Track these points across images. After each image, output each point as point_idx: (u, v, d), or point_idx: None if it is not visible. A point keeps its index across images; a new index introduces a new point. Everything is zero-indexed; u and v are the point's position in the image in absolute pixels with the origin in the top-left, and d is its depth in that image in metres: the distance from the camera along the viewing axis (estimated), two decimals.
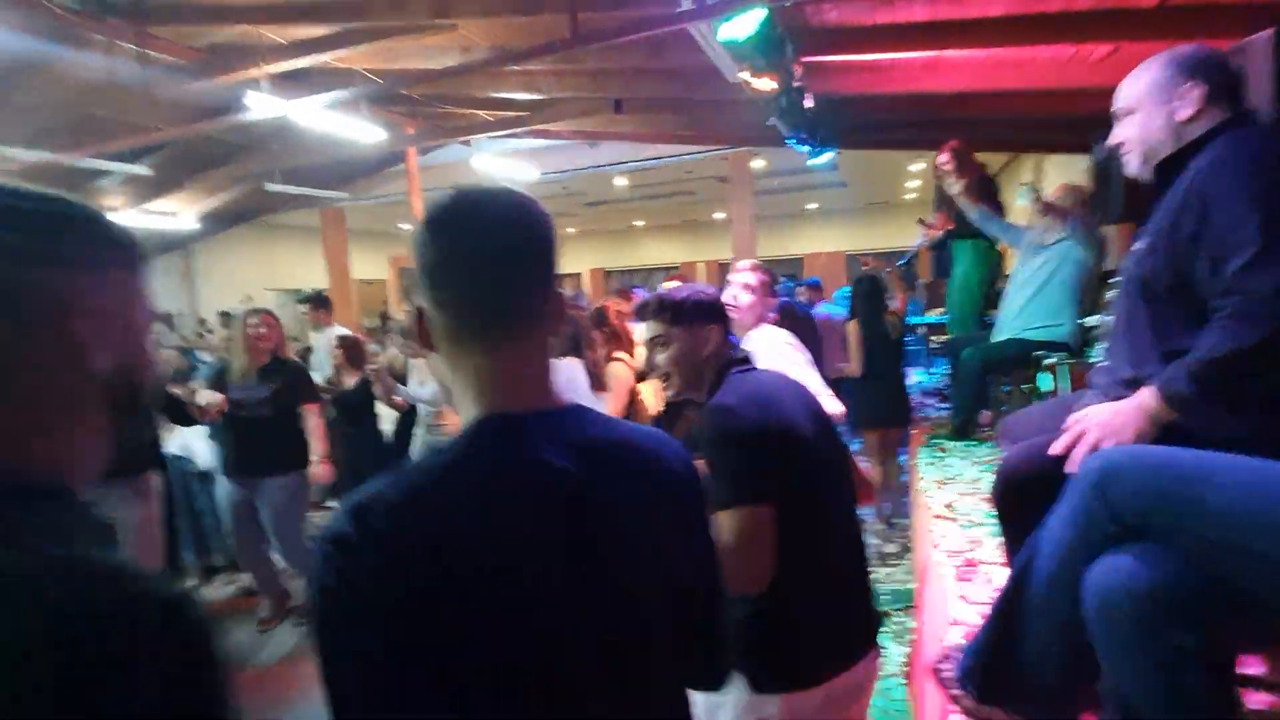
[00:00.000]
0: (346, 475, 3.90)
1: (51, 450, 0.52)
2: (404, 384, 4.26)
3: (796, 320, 4.37)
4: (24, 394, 0.50)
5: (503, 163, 7.69)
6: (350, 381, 4.28)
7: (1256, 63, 2.25)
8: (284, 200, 9.91)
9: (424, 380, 4.01)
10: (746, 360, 1.43)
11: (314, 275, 12.97)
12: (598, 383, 2.86)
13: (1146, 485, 0.96)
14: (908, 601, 3.25)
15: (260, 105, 4.62)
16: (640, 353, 2.79)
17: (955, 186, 3.41)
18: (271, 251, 13.41)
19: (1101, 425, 1.15)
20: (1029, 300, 3.10)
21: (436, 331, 0.71)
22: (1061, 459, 1.23)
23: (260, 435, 3.18)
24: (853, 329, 4.14)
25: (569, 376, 2.78)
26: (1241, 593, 0.89)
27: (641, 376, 2.85)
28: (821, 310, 5.24)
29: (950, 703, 1.28)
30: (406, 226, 12.54)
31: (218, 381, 3.22)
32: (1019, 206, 3.76)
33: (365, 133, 5.69)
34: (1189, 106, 1.25)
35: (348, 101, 5.21)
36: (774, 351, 2.14)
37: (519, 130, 6.63)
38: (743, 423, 1.22)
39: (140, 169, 6.65)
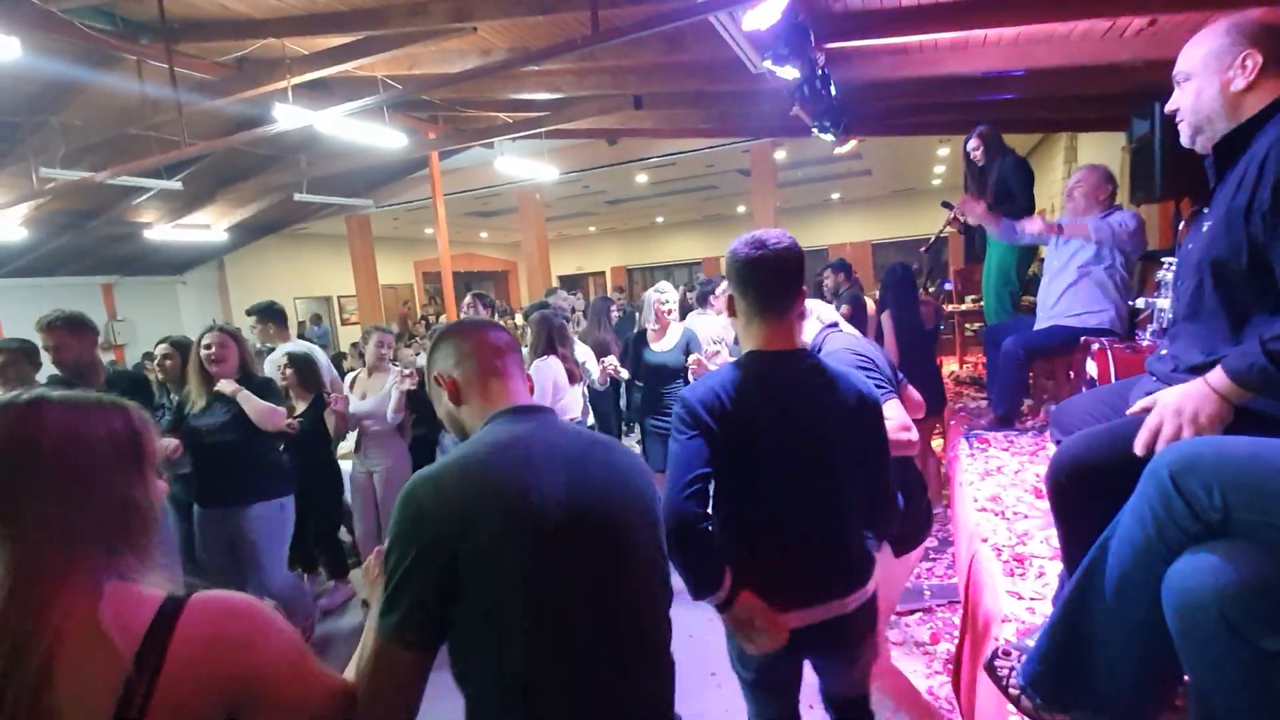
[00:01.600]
0: (305, 515, 3.42)
1: None
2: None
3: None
4: None
5: (525, 164, 7.71)
6: (300, 406, 3.60)
7: None
8: (311, 209, 10.09)
9: (366, 393, 3.65)
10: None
11: (342, 282, 13.21)
12: (572, 376, 3.43)
13: (1229, 478, 0.90)
14: (951, 596, 3.19)
15: (287, 117, 4.69)
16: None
17: (976, 209, 3.31)
18: (301, 260, 13.68)
19: (1177, 412, 1.10)
20: (1067, 288, 3.00)
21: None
22: (1120, 449, 1.18)
23: (228, 462, 2.89)
24: (886, 320, 4.02)
25: (547, 372, 3.31)
26: None
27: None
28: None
29: (1010, 703, 1.24)
30: (430, 231, 12.68)
31: (179, 414, 2.94)
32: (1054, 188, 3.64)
33: (388, 139, 5.75)
34: (1245, 77, 1.19)
35: (371, 109, 5.27)
36: None
37: (540, 130, 6.64)
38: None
39: (173, 184, 6.81)
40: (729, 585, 1.39)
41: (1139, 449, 1.14)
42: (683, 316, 4.12)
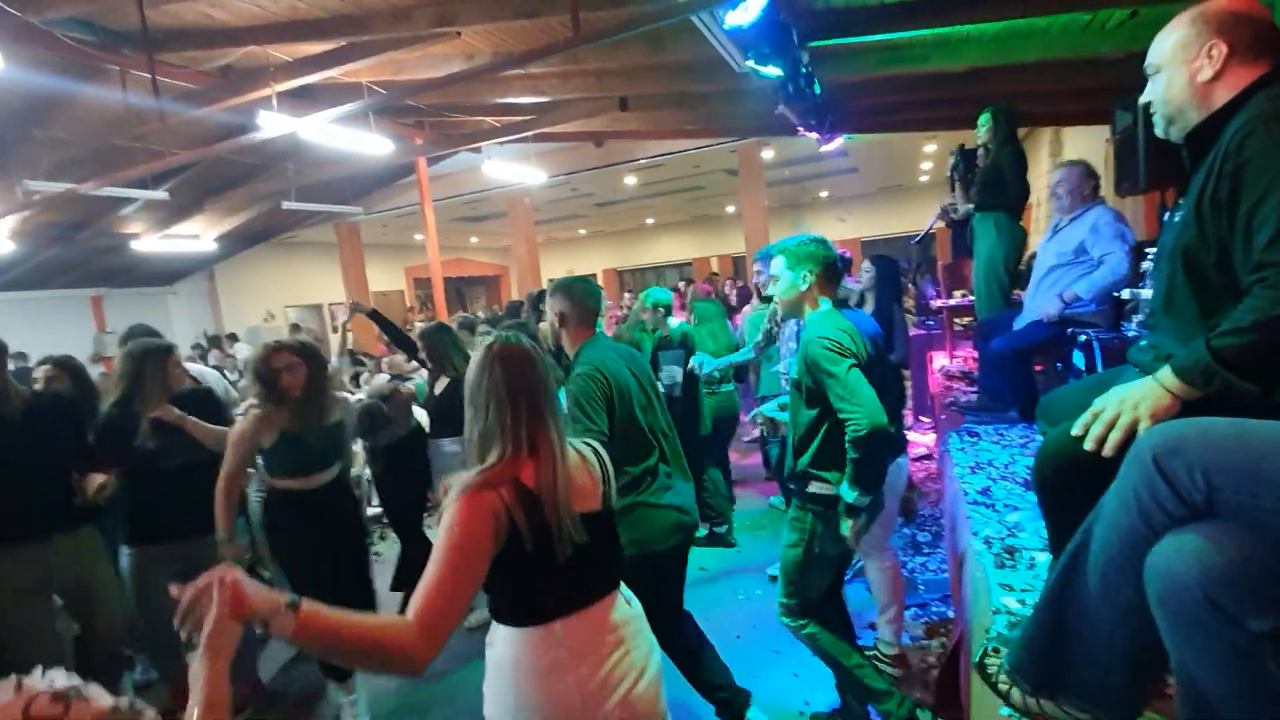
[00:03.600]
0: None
1: None
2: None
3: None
4: None
5: (512, 168, 7.71)
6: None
7: None
8: (300, 217, 10.07)
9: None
10: None
11: (333, 289, 13.16)
12: None
13: (1213, 459, 0.90)
14: (945, 591, 3.20)
15: (272, 124, 4.67)
16: None
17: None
18: (291, 268, 13.63)
19: (1121, 402, 1.11)
20: (1055, 281, 3.01)
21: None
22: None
23: (171, 490, 2.55)
24: (899, 311, 3.95)
25: None
26: None
27: None
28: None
29: (1000, 699, 1.23)
30: (420, 237, 12.66)
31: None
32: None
33: (375, 145, 5.74)
34: (1211, 67, 1.19)
35: (356, 116, 5.25)
36: None
37: (526, 134, 6.64)
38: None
39: (159, 194, 6.78)
40: None
41: (1077, 429, 1.14)
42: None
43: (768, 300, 3.76)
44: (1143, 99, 1.33)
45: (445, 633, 1.12)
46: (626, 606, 1.46)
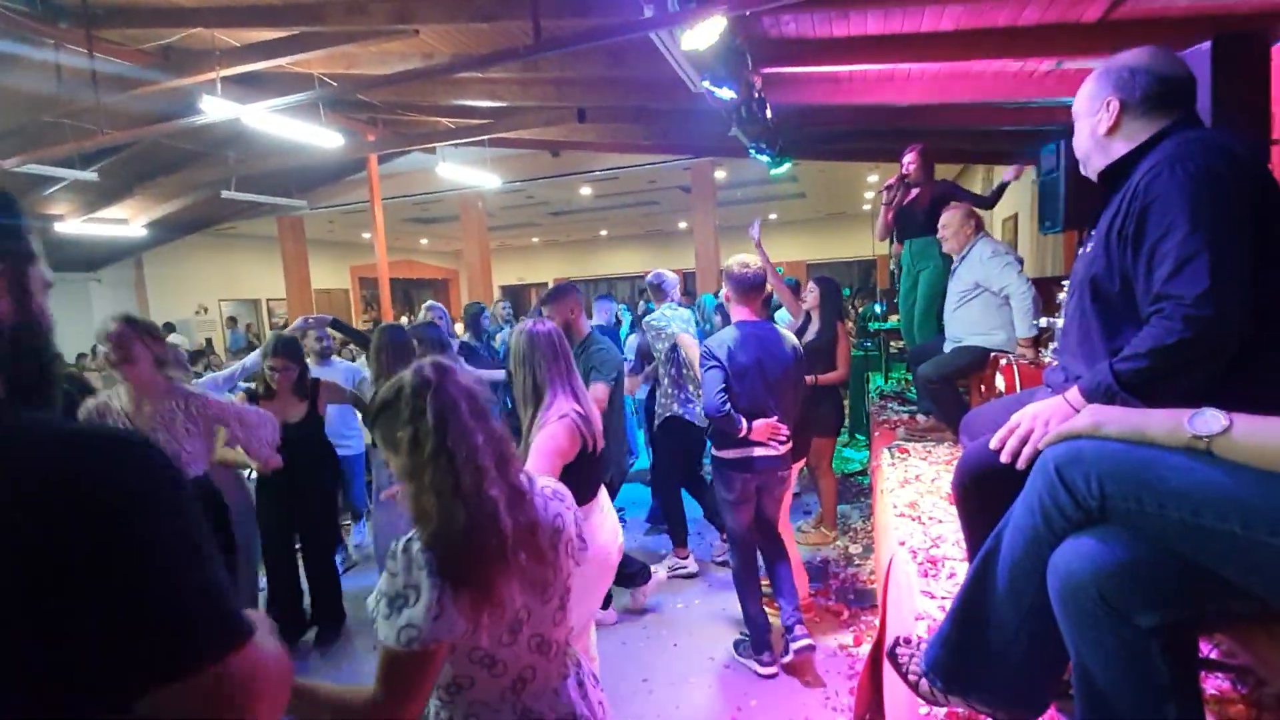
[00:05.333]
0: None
1: None
2: None
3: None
4: None
5: (467, 171, 7.64)
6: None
7: (1197, 73, 2.39)
8: (240, 208, 9.68)
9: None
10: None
11: (272, 284, 12.69)
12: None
13: (1106, 468, 0.97)
14: (873, 601, 3.31)
15: (214, 109, 4.51)
16: None
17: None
18: (227, 260, 13.07)
19: (1034, 417, 1.19)
20: (963, 313, 3.27)
21: None
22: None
23: None
24: (844, 330, 3.99)
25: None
26: (1204, 572, 0.90)
27: None
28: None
29: (911, 689, 1.29)
30: (368, 236, 12.33)
31: None
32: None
33: (324, 139, 5.59)
34: (1106, 121, 1.31)
35: (305, 107, 5.12)
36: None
37: (482, 138, 6.60)
38: None
39: (88, 175, 6.42)
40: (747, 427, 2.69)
41: (994, 443, 1.22)
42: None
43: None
44: (1074, 142, 1.45)
45: None
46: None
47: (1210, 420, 0.92)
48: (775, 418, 2.75)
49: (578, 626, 1.92)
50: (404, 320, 10.14)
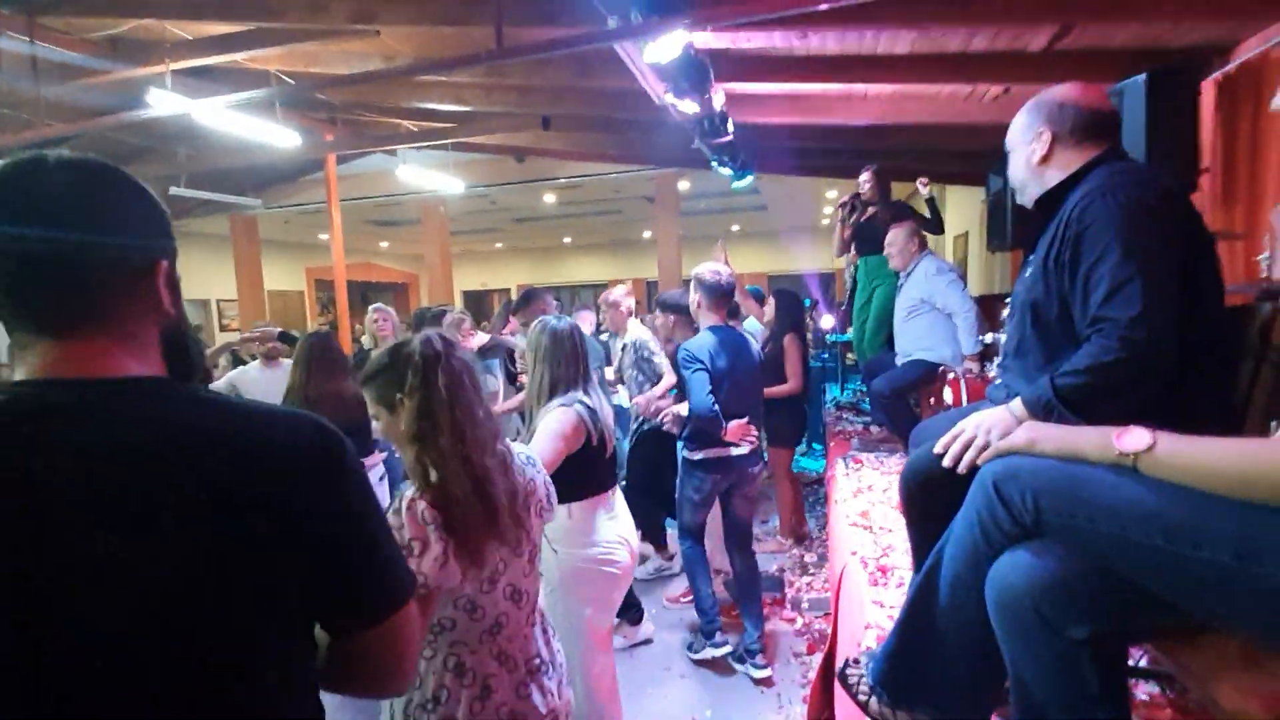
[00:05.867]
0: None
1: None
2: None
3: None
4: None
5: (429, 174, 7.54)
6: None
7: (1133, 103, 2.53)
8: (190, 205, 9.34)
9: None
10: None
11: (223, 285, 12.28)
12: None
13: (1041, 485, 1.00)
14: (826, 609, 3.36)
15: (163, 103, 4.36)
16: None
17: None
18: (178, 259, 12.58)
19: (976, 426, 1.24)
20: (910, 327, 3.39)
21: None
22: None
23: None
24: (792, 342, 4.06)
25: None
26: (1131, 585, 0.94)
27: None
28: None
29: (861, 709, 1.30)
30: (325, 237, 12.07)
31: None
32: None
33: (280, 137, 5.45)
34: (1040, 151, 1.38)
35: (261, 104, 4.99)
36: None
37: (445, 142, 6.53)
38: None
39: None
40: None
41: (938, 448, 1.27)
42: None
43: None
44: (1008, 170, 1.52)
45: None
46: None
47: (1136, 438, 0.96)
48: (746, 419, 2.88)
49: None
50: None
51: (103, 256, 0.67)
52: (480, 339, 4.14)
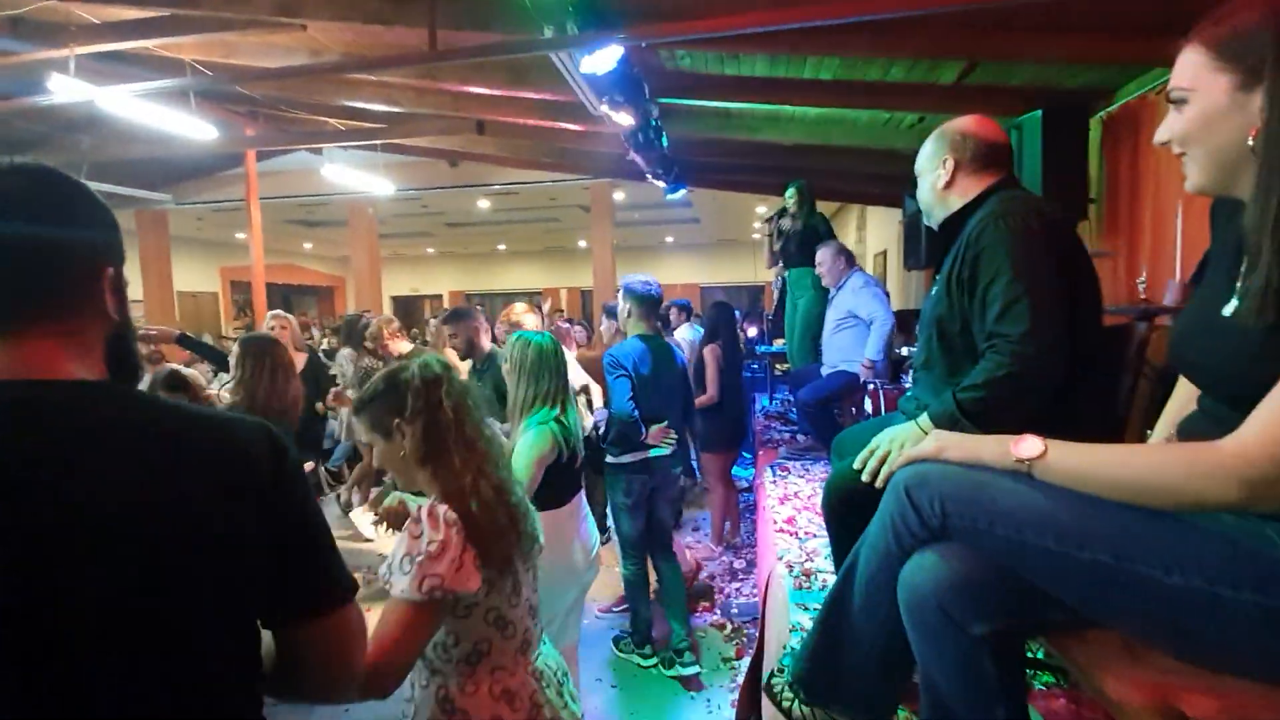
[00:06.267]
0: None
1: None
2: None
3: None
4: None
5: (357, 175, 7.29)
6: None
7: (1031, 136, 2.74)
8: None
9: None
10: None
11: (129, 284, 11.46)
12: None
13: (947, 490, 1.06)
14: (755, 614, 3.43)
15: (64, 89, 4.05)
16: None
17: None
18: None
19: (889, 440, 1.31)
20: (837, 340, 3.55)
21: None
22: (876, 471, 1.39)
23: None
24: (710, 353, 4.15)
25: None
26: (1027, 585, 0.99)
27: None
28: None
29: (784, 716, 1.33)
30: (243, 236, 11.46)
31: None
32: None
33: (195, 129, 5.16)
34: (944, 177, 1.49)
35: (175, 94, 4.73)
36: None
37: (375, 142, 6.34)
38: None
39: None
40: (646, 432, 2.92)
41: (856, 464, 1.34)
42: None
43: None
44: (917, 194, 1.62)
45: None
46: None
47: (1030, 446, 1.03)
48: (666, 423, 3.00)
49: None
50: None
51: (53, 261, 0.69)
52: (405, 346, 4.02)
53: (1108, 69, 2.90)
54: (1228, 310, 0.87)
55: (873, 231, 8.36)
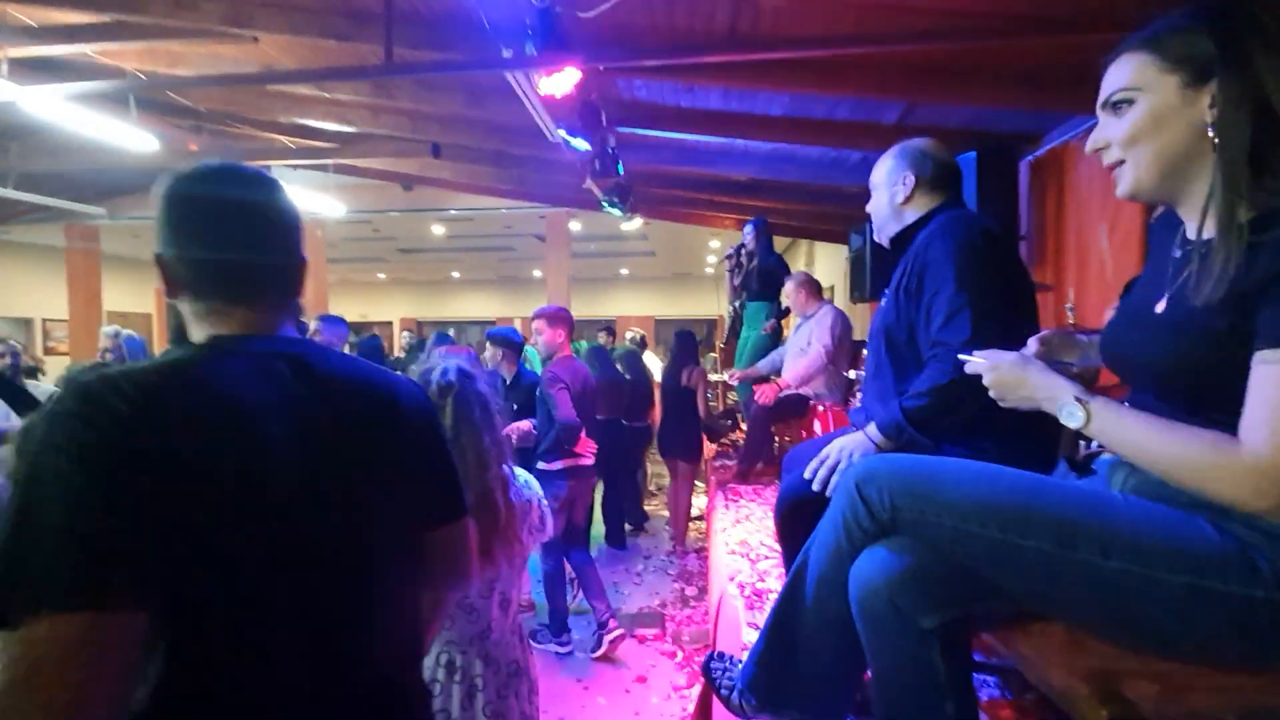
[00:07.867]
0: None
1: None
2: None
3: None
4: None
5: (306, 195, 7.12)
6: None
7: (966, 175, 2.91)
8: (17, 210, 8.25)
9: None
10: None
11: (53, 303, 10.82)
12: None
13: (896, 484, 1.07)
14: (706, 641, 3.39)
15: None
16: None
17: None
18: None
19: (839, 450, 1.36)
20: (792, 364, 3.65)
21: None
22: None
23: None
24: (698, 374, 4.94)
25: None
26: (972, 575, 1.01)
27: None
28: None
29: (723, 704, 1.32)
30: None
31: None
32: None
33: (134, 140, 4.97)
34: (903, 192, 1.56)
35: (114, 102, 4.55)
36: None
37: (326, 162, 6.23)
38: None
39: None
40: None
41: (807, 473, 1.37)
42: None
43: None
44: (868, 208, 1.68)
45: None
46: None
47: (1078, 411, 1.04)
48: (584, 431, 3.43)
49: None
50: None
51: (287, 248, 0.92)
52: None
53: (1035, 115, 3.11)
54: (1160, 308, 0.93)
55: (820, 266, 8.63)
